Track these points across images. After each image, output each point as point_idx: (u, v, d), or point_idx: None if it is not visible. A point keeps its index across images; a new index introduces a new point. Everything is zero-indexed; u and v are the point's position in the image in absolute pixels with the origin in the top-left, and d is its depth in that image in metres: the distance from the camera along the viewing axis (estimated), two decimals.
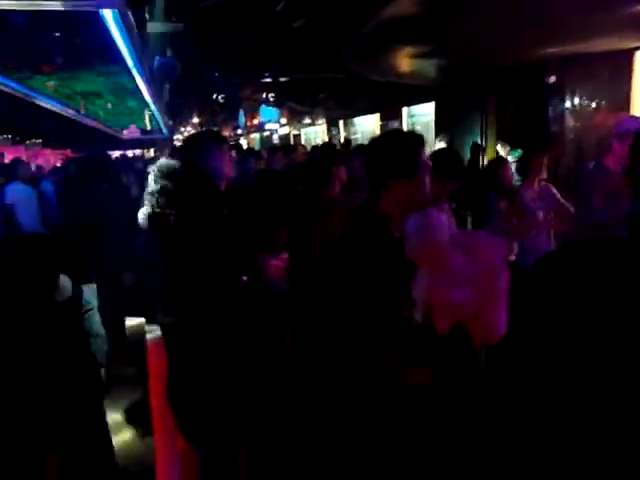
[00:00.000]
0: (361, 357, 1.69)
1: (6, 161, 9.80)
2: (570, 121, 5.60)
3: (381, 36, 4.51)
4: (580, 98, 5.65)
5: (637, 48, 4.85)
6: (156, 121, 19.90)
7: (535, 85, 5.58)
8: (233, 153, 5.77)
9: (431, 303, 1.60)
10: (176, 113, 18.41)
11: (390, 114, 11.00)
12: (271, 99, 11.96)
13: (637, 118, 3.19)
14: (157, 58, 8.35)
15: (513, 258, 2.85)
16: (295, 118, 15.46)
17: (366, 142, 2.16)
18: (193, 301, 1.87)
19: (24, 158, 13.21)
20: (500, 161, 4.21)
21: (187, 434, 1.96)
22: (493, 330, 1.56)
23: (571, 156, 5.48)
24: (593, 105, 5.61)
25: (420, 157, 1.79)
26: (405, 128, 10.76)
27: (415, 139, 1.82)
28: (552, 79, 5.42)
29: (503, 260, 1.67)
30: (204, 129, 21.77)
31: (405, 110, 10.66)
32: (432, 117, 8.87)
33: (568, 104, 5.66)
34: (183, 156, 2.55)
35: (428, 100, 9.06)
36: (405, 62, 5.33)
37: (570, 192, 3.56)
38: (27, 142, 18.96)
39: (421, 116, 10.29)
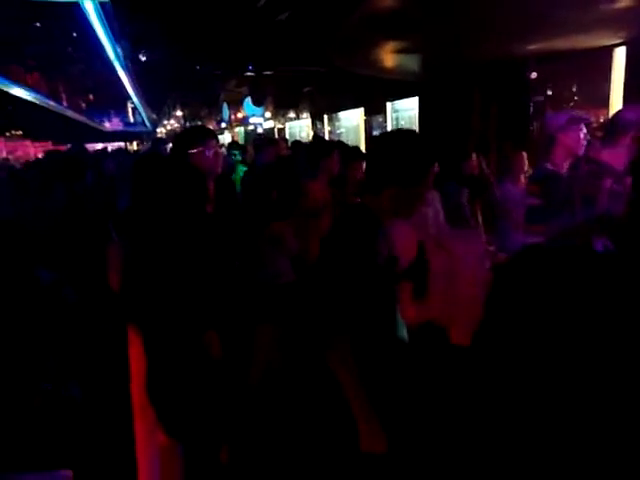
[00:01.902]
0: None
1: None
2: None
3: (365, 30, 4.51)
4: (560, 94, 5.71)
5: (616, 45, 4.92)
6: (139, 114, 19.69)
7: (517, 81, 5.64)
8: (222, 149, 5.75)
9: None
10: (159, 106, 18.22)
11: (374, 109, 11.02)
12: (254, 93, 11.90)
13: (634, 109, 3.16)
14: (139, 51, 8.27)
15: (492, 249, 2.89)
16: (279, 112, 15.40)
17: (350, 136, 2.14)
18: (167, 295, 1.87)
19: (4, 149, 12.95)
20: (464, 154, 4.17)
21: (167, 428, 1.96)
22: (470, 330, 1.58)
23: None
24: (572, 102, 5.68)
25: (432, 170, 1.71)
26: (389, 123, 10.79)
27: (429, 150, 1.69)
28: (533, 75, 5.48)
29: (479, 257, 1.68)
30: (187, 123, 21.61)
31: (389, 105, 10.69)
32: (416, 112, 8.91)
33: (548, 100, 5.74)
34: (172, 152, 2.54)
35: (412, 95, 9.10)
36: (388, 57, 5.34)
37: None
38: (7, 134, 18.59)
39: (405, 111, 10.32)
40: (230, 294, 2.28)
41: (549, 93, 5.98)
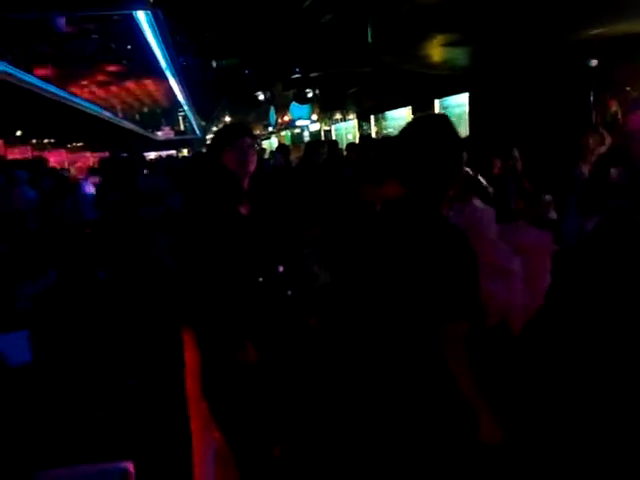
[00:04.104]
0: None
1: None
2: (614, 107, 5.39)
3: (412, 23, 4.43)
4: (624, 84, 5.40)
5: None
6: (189, 122, 20.26)
7: (577, 69, 5.36)
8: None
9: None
10: (208, 113, 18.68)
11: (422, 107, 10.84)
12: (301, 95, 11.97)
13: None
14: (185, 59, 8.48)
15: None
16: (325, 114, 15.43)
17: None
18: (212, 295, 1.88)
19: (66, 160, 13.66)
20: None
21: (220, 426, 1.98)
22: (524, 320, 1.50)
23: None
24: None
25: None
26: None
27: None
28: (594, 63, 5.20)
29: (548, 257, 1.61)
30: None
31: (437, 102, 10.48)
32: (466, 109, 8.68)
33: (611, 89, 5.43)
34: (208, 152, 2.53)
35: (462, 91, 8.87)
36: (437, 51, 5.22)
37: None
38: (68, 145, 19.60)
39: (454, 107, 10.08)
40: (270, 299, 2.23)
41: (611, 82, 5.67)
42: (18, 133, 15.41)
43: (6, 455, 1.51)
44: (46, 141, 18.33)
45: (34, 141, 17.09)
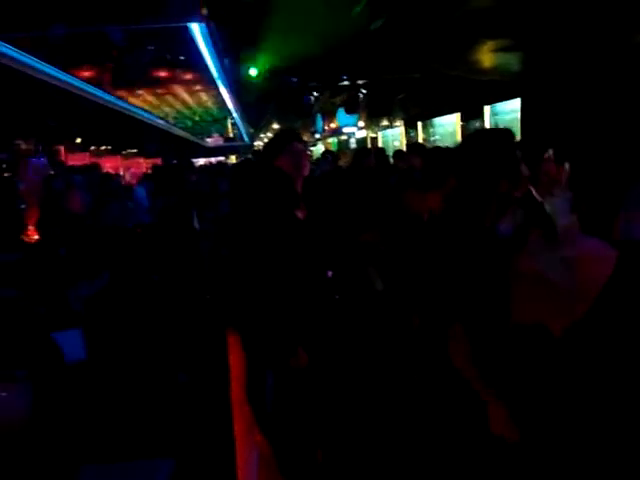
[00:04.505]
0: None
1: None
2: None
3: (463, 29, 4.36)
4: None
5: None
6: (238, 129, 20.68)
7: (638, 74, 5.11)
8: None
9: None
10: (257, 120, 19.02)
11: (471, 113, 10.62)
12: (351, 104, 12.00)
13: None
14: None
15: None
16: (372, 121, 15.39)
17: (446, 143, 2.03)
18: (262, 298, 1.89)
19: (120, 167, 14.27)
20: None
21: (262, 428, 1.99)
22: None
23: None
24: None
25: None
26: (487, 127, 10.32)
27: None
28: None
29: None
30: None
31: (487, 108, 10.24)
32: (518, 115, 8.44)
33: None
34: (261, 156, 2.60)
35: (513, 97, 8.64)
36: (487, 56, 5.12)
37: None
38: (123, 152, 20.43)
39: (506, 114, 9.82)
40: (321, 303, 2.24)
41: None
42: (78, 140, 16.24)
43: (56, 448, 1.57)
44: (103, 148, 19.21)
45: (92, 148, 17.94)
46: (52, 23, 5.32)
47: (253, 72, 8.44)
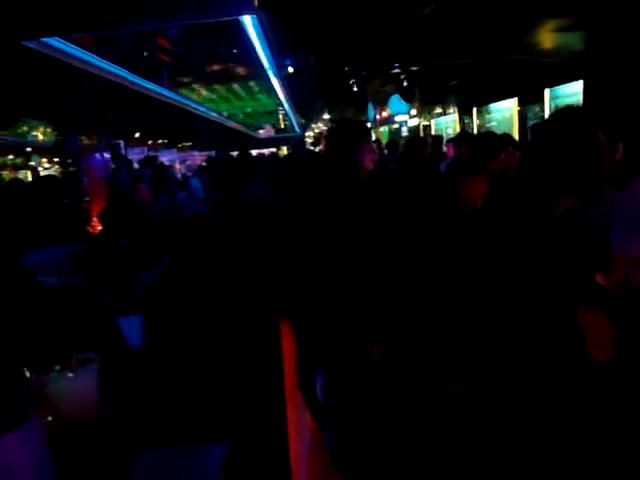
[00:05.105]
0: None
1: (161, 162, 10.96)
2: None
3: (522, 10, 4.18)
4: None
5: None
6: (289, 119, 20.82)
7: None
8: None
9: None
10: (307, 111, 19.07)
11: (529, 97, 10.16)
12: (407, 92, 11.79)
13: None
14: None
15: None
16: (425, 108, 15.08)
17: (503, 129, 1.96)
18: (317, 293, 1.91)
19: (177, 160, 14.76)
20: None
21: (314, 416, 2.02)
22: None
23: None
24: None
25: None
26: (547, 112, 9.84)
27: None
28: None
29: None
30: (333, 125, 22.22)
31: (547, 92, 9.76)
32: (580, 98, 8.01)
33: None
34: (326, 147, 2.61)
35: (575, 79, 8.20)
36: (548, 37, 4.89)
37: None
38: (179, 145, 21.08)
39: (567, 97, 9.34)
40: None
41: None
42: (137, 135, 16.89)
43: (118, 432, 1.64)
44: (160, 142, 19.89)
45: (150, 142, 18.63)
46: (114, 24, 5.54)
47: (303, 62, 8.47)
